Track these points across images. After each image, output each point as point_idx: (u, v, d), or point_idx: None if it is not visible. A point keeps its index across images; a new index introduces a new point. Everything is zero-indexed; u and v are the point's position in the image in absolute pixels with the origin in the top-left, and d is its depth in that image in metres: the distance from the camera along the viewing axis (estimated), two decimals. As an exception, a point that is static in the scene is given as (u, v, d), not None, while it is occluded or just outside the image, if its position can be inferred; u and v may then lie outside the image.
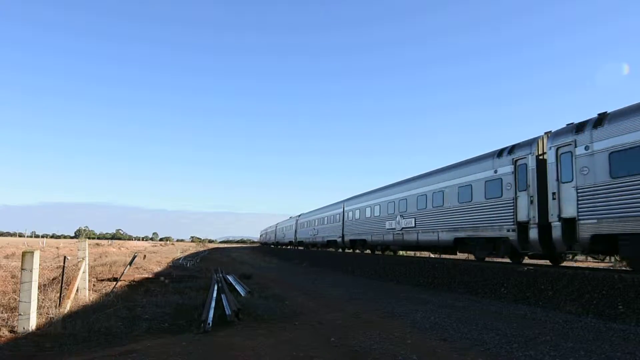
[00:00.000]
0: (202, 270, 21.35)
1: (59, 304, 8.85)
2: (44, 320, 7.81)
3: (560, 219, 11.58)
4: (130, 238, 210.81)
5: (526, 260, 15.54)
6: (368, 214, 25.48)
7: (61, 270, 10.02)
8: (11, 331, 7.24)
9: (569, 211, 11.36)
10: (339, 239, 30.49)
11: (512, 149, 14.13)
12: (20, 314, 7.37)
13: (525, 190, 13.10)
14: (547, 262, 14.43)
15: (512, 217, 13.47)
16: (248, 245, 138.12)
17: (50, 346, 6.51)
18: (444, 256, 22.15)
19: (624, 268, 11.18)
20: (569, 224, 11.34)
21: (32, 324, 7.39)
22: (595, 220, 10.56)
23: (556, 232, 11.63)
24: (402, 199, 21.07)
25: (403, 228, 20.56)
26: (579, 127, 11.48)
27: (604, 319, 8.41)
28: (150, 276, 16.64)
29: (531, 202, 12.79)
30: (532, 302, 10.45)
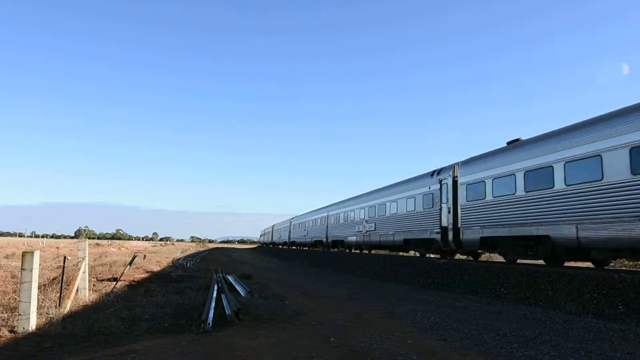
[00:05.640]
0: (202, 270, 21.33)
1: (59, 304, 8.85)
2: (44, 320, 7.81)
3: (463, 225, 15.52)
4: (130, 238, 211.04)
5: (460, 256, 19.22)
6: (343, 218, 30.12)
7: (61, 270, 10.02)
8: (11, 331, 7.24)
9: (468, 220, 15.33)
10: (324, 240, 35.15)
11: (439, 172, 17.83)
12: (20, 314, 7.37)
13: (446, 202, 16.92)
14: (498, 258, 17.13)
15: (438, 223, 17.30)
16: (248, 245, 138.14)
17: (50, 346, 6.51)
18: (438, 256, 22.53)
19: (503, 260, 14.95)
20: (469, 229, 15.21)
21: (32, 324, 7.40)
22: (479, 227, 14.59)
23: (463, 234, 15.49)
24: (367, 207, 25.42)
25: (368, 231, 24.68)
26: (463, 163, 16.27)
27: (604, 319, 8.41)
28: (151, 275, 16.64)
29: (449, 212, 16.52)
30: (532, 302, 10.46)
